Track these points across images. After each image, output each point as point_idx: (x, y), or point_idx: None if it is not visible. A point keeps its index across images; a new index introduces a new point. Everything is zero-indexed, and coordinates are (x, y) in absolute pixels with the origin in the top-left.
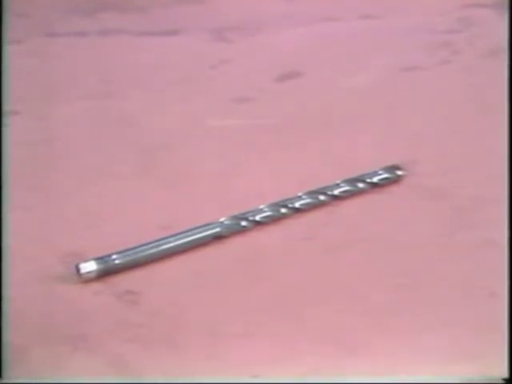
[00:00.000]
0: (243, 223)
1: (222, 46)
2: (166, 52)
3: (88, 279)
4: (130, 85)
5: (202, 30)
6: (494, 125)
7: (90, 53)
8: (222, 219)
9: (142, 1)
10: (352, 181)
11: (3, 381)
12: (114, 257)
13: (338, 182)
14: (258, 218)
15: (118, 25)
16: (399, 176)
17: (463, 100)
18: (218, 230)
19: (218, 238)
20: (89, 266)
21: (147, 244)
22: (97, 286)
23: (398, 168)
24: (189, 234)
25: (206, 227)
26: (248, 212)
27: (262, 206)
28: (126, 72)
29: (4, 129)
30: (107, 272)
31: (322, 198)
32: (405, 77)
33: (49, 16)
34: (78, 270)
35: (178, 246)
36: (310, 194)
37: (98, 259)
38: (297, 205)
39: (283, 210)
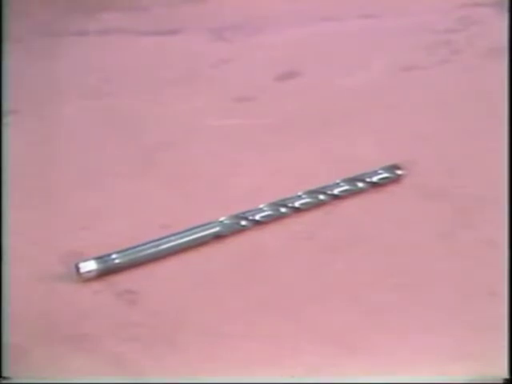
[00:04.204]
0: (243, 222)
1: (221, 46)
2: (166, 52)
3: (88, 278)
4: (130, 84)
5: (202, 29)
6: (494, 125)
7: (90, 52)
8: (221, 218)
9: (143, 1)
10: (352, 180)
11: (3, 381)
12: (113, 256)
13: (337, 181)
14: (257, 217)
15: (118, 24)
16: (399, 175)
17: (463, 99)
18: (217, 229)
19: (217, 237)
20: (89, 266)
21: (147, 243)
22: (96, 286)
23: (398, 168)
24: (188, 233)
25: (206, 226)
26: (248, 211)
27: (261, 206)
28: (126, 71)
29: (4, 129)
30: (107, 271)
31: (321, 197)
32: (404, 76)
33: (49, 16)
34: (77, 269)
35: (177, 245)
36: (310, 193)
37: (98, 258)
38: (296, 204)
39: (283, 210)
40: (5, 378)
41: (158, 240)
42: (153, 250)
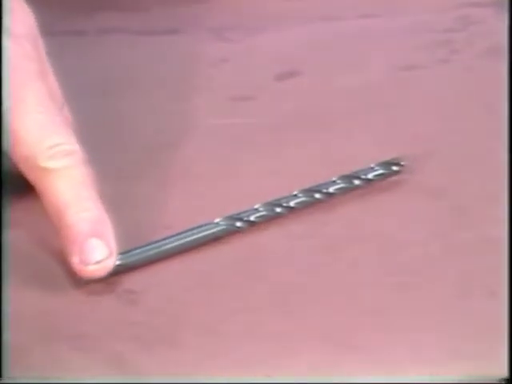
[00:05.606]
0: (242, 223)
1: (221, 45)
2: (165, 51)
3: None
4: (129, 84)
5: (201, 29)
6: (494, 124)
7: (90, 52)
8: (221, 219)
9: (143, 1)
10: (348, 178)
11: (3, 381)
12: None
13: (334, 179)
14: (256, 217)
15: (118, 24)
16: (396, 172)
17: (462, 99)
18: (217, 229)
19: (217, 237)
20: None
21: (147, 245)
22: (96, 286)
23: (396, 164)
24: (188, 234)
25: (206, 227)
26: (246, 211)
27: (262, 206)
28: (125, 71)
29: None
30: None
31: (318, 196)
32: (404, 76)
33: (48, 15)
34: None
35: (177, 246)
36: (307, 192)
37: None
38: (295, 203)
39: (282, 209)
40: (5, 377)
41: (158, 241)
42: (153, 252)
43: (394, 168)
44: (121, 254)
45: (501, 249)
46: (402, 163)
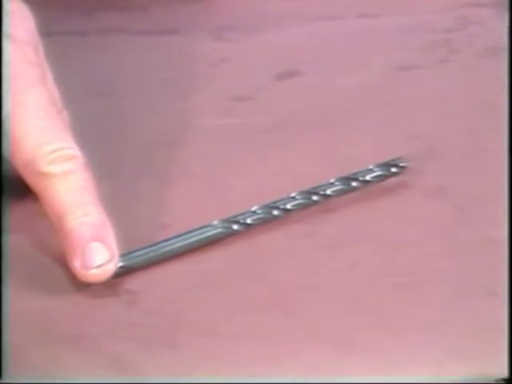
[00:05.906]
0: (240, 225)
1: (221, 45)
2: (165, 51)
3: None
4: (129, 84)
5: (201, 29)
6: (494, 124)
7: (89, 52)
8: (218, 221)
9: (142, 0)
10: (347, 180)
11: (3, 381)
12: None
13: (332, 180)
14: (254, 219)
15: (117, 24)
16: (395, 173)
17: (462, 99)
18: (216, 230)
19: (217, 238)
20: None
21: (147, 247)
22: (96, 286)
23: (395, 165)
24: (187, 236)
25: (206, 228)
26: (245, 213)
27: (258, 208)
28: (125, 71)
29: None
30: None
31: (320, 198)
32: (403, 76)
33: (47, 15)
34: None
35: (177, 248)
36: (306, 194)
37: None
38: (293, 205)
39: (279, 211)
40: (5, 377)
41: (158, 243)
42: (152, 253)
43: (393, 170)
44: (121, 256)
45: (501, 249)
46: (401, 164)
